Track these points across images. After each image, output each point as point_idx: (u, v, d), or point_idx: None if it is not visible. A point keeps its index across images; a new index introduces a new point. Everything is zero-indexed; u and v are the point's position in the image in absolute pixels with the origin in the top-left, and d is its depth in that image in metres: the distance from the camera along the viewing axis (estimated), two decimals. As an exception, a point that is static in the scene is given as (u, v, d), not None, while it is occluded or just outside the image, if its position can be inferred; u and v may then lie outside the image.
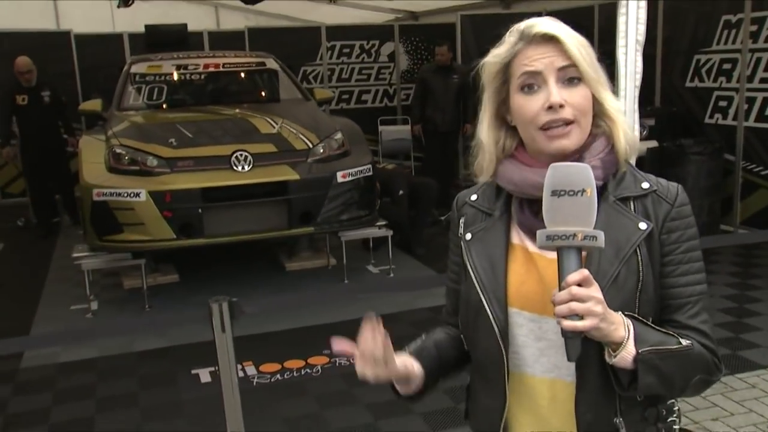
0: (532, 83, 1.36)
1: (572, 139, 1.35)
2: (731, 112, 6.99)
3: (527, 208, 1.41)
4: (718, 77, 7.13)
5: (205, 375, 4.51)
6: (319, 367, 4.56)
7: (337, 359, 4.63)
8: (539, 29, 1.35)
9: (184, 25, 9.55)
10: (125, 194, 5.16)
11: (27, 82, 7.82)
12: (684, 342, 1.33)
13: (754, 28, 6.73)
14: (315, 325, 5.07)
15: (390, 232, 6.17)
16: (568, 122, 1.34)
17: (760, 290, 5.54)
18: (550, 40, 1.35)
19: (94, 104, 6.50)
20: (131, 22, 10.69)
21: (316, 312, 5.15)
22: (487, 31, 9.08)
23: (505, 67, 1.40)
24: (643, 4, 3.88)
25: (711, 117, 7.22)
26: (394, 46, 10.66)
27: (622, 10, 3.80)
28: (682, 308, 1.39)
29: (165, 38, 9.05)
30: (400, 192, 6.76)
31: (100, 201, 5.22)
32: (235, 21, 13.28)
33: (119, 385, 4.42)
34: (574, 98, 1.34)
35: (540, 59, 1.35)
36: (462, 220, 1.54)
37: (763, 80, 6.69)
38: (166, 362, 4.71)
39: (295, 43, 9.88)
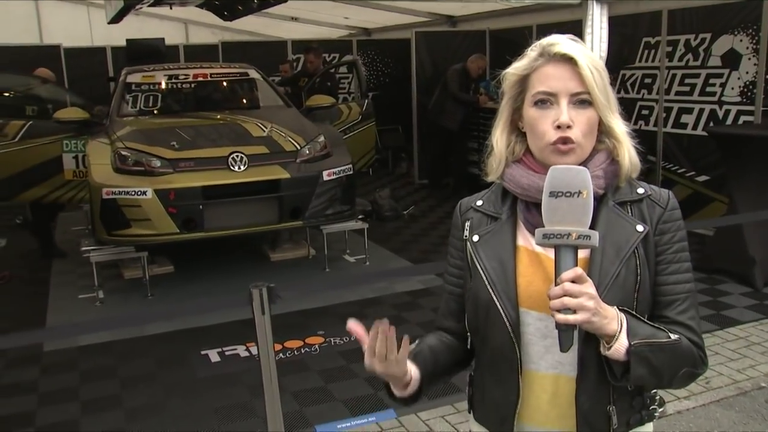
0: (546, 100, 1.33)
1: (573, 158, 1.32)
2: (652, 119, 7.25)
3: (534, 209, 1.35)
4: (640, 90, 7.39)
5: (214, 355, 4.48)
6: (316, 347, 4.56)
7: (331, 339, 4.64)
8: (559, 49, 1.31)
9: (162, 40, 9.36)
10: (133, 192, 5.05)
11: None
12: (673, 336, 1.30)
13: (669, 48, 7.01)
14: (309, 308, 5.07)
15: (366, 225, 6.20)
16: (572, 141, 1.31)
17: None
18: (569, 60, 1.31)
19: (70, 112, 6.08)
20: (108, 35, 10.51)
21: (307, 297, 5.15)
22: (437, 45, 9.13)
23: (523, 78, 1.37)
24: (606, 24, 4.04)
25: (635, 123, 7.46)
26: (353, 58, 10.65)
27: (587, 29, 3.95)
28: (671, 305, 1.36)
29: (144, 51, 8.85)
30: None
31: (109, 199, 5.09)
32: (203, 36, 13.11)
33: (137, 365, 4.35)
34: (581, 120, 1.31)
35: (556, 80, 1.32)
36: (467, 224, 1.47)
37: (678, 93, 6.97)
38: (176, 345, 4.63)
39: (264, 56, 9.75)
